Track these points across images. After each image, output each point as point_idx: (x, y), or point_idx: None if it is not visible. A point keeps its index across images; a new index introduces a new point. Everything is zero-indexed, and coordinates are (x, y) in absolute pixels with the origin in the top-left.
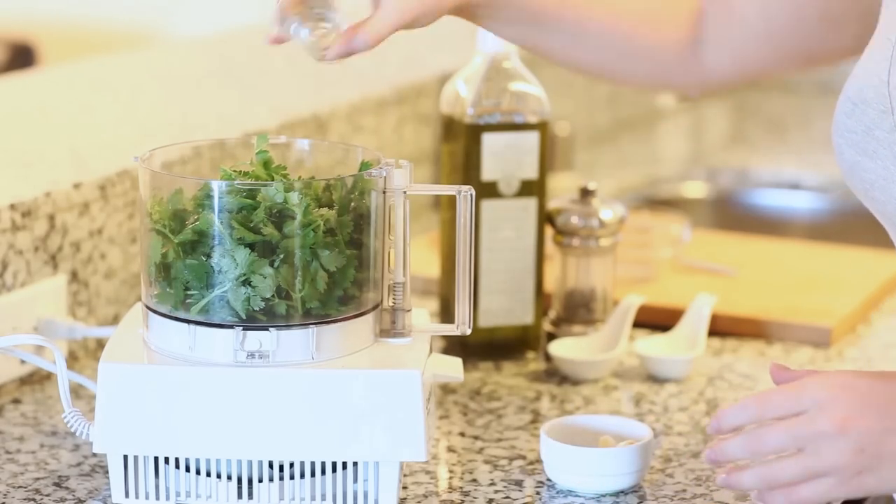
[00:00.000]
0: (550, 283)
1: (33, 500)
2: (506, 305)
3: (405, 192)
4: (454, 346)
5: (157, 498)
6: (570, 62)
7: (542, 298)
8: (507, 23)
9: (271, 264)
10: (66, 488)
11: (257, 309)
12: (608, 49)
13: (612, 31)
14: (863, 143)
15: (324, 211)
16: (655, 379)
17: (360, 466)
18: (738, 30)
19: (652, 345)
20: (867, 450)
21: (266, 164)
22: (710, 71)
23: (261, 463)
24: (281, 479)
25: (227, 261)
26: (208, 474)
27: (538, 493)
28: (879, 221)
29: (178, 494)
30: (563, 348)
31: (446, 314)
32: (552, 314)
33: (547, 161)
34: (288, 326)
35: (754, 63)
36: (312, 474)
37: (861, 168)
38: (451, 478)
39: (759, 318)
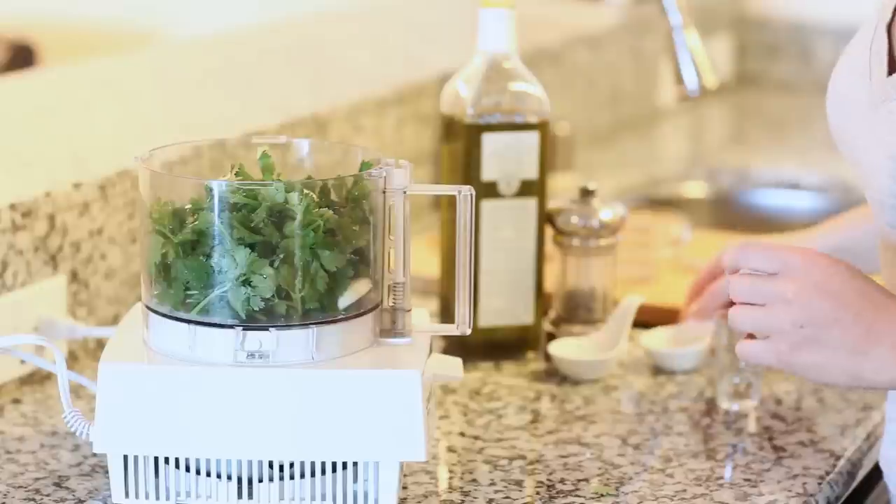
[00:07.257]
0: (550, 283)
1: (33, 500)
2: (506, 305)
3: (405, 192)
4: (454, 346)
5: (157, 498)
6: None
7: (542, 298)
8: None
9: (271, 264)
10: (66, 488)
11: (257, 309)
12: None
13: None
14: (847, 106)
15: (324, 211)
16: (663, 371)
17: (360, 466)
18: None
19: (657, 338)
20: (808, 329)
21: (268, 172)
22: None
23: (261, 463)
24: (281, 479)
25: (227, 261)
26: (208, 474)
27: (538, 492)
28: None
29: (178, 494)
30: (563, 348)
31: (446, 314)
32: (552, 314)
33: (547, 161)
34: (288, 326)
35: None
36: (312, 474)
37: (843, 130)
38: (451, 478)
39: None
